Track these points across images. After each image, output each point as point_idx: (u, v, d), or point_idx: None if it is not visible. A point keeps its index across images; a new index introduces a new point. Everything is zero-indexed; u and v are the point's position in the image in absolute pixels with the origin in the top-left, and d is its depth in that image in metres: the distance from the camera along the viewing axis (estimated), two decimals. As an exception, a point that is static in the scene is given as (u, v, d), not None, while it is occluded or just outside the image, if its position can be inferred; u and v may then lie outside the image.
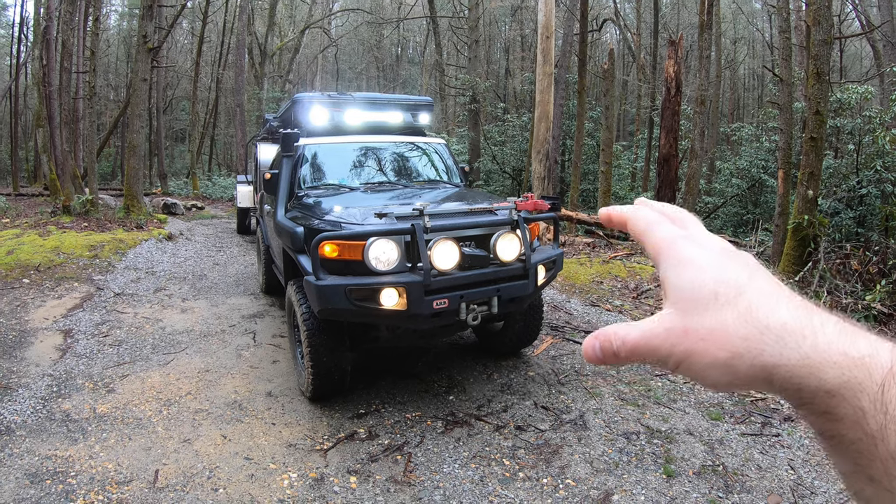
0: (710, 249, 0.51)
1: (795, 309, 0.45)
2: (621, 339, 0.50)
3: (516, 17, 33.11)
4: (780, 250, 7.99)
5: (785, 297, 0.47)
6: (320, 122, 6.11)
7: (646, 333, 0.49)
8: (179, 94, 40.64)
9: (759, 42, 35.48)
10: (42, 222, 11.19)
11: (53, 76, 15.89)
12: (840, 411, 0.41)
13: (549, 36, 11.65)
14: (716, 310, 0.47)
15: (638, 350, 0.50)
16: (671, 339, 0.48)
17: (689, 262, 0.50)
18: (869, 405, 0.40)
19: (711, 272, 0.49)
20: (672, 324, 0.48)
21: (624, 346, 0.50)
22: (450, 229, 4.04)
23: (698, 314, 0.47)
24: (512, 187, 21.75)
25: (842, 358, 0.42)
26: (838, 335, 0.43)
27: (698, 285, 0.48)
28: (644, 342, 0.49)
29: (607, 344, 0.51)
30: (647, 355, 0.49)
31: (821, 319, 0.45)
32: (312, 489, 3.38)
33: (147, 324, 6.41)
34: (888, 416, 0.39)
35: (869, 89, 11.92)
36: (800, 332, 0.44)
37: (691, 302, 0.48)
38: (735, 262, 0.50)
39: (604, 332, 0.52)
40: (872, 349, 0.42)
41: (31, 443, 3.83)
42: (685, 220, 0.57)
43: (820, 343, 0.43)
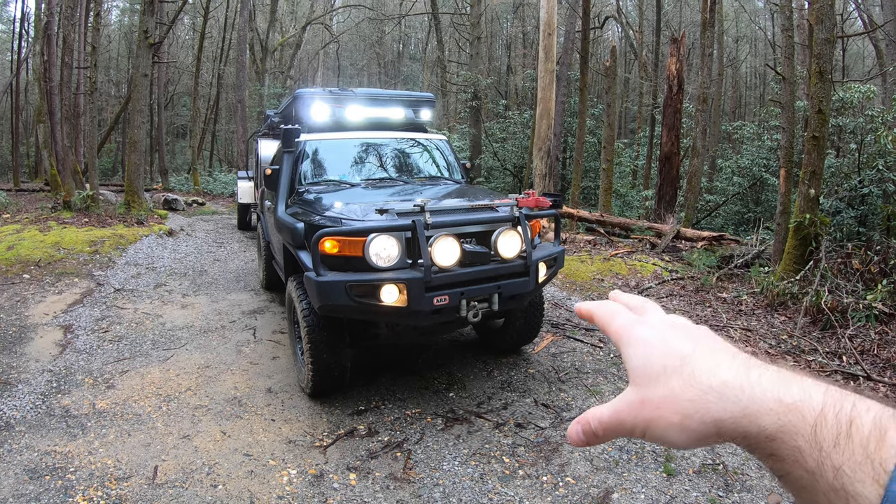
0: (659, 329, 0.58)
1: (736, 367, 0.51)
2: (597, 419, 0.56)
3: (518, 13, 33.06)
4: (781, 249, 7.97)
5: (727, 357, 0.53)
6: (321, 118, 6.10)
7: (614, 410, 0.56)
8: (180, 90, 40.59)
9: (762, 40, 35.43)
10: (42, 218, 11.18)
11: (54, 72, 15.87)
12: (782, 453, 0.46)
13: (552, 33, 11.64)
14: (665, 380, 0.53)
15: (610, 426, 0.56)
16: (632, 411, 0.54)
17: (642, 342, 0.57)
18: (805, 444, 0.45)
19: (659, 348, 0.55)
20: (632, 398, 0.55)
21: (600, 425, 0.56)
22: (451, 226, 4.03)
23: (651, 386, 0.54)
24: (513, 184, 21.71)
25: (776, 405, 0.47)
26: (774, 384, 0.48)
27: (650, 361, 0.55)
28: (613, 418, 0.55)
29: (587, 427, 0.57)
30: (618, 429, 0.55)
31: (758, 373, 0.50)
32: (312, 486, 3.37)
33: (147, 319, 6.40)
34: (822, 452, 0.44)
35: (871, 88, 11.89)
36: (738, 386, 0.49)
37: (645, 377, 0.55)
38: (681, 336, 0.56)
39: (583, 418, 0.58)
40: (805, 394, 0.47)
41: (31, 438, 3.83)
42: (645, 308, 0.63)
43: (756, 394, 0.48)
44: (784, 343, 5.90)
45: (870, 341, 5.63)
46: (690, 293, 7.68)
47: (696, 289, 7.81)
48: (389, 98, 6.68)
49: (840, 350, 5.58)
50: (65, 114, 16.20)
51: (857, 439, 0.43)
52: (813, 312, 6.36)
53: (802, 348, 5.73)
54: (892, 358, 5.28)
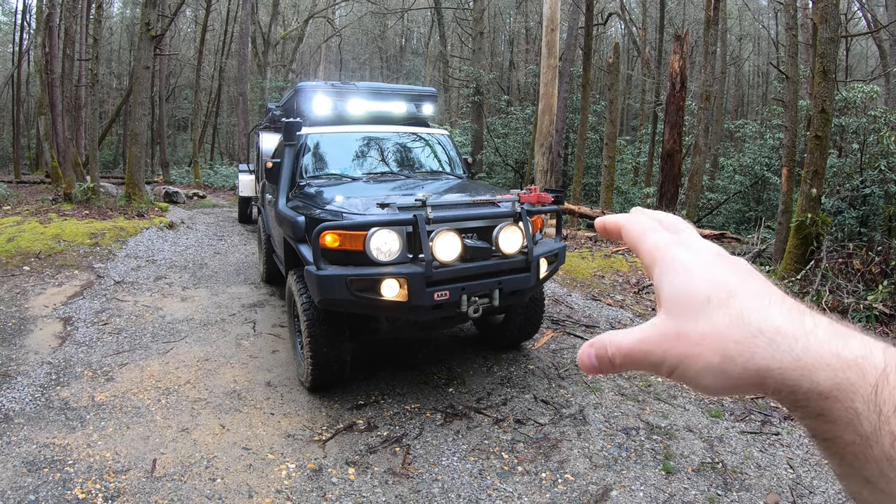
0: (702, 254, 0.52)
1: (788, 312, 0.46)
2: (616, 345, 0.51)
3: (521, 9, 32.99)
4: (782, 248, 7.97)
5: (777, 299, 0.47)
6: (323, 112, 6.08)
7: (640, 339, 0.50)
8: (182, 83, 40.56)
9: (765, 39, 35.34)
10: (43, 210, 11.18)
11: (56, 64, 15.83)
12: (834, 413, 0.42)
13: (555, 29, 11.60)
14: (708, 314, 0.47)
15: (632, 356, 0.50)
16: (664, 344, 0.48)
17: (682, 268, 0.51)
18: (862, 407, 0.40)
19: (703, 277, 0.49)
20: (665, 329, 0.49)
21: (619, 352, 0.50)
22: (452, 221, 4.02)
23: (691, 319, 0.48)
24: (514, 180, 21.70)
25: (834, 360, 0.42)
26: (831, 336, 0.43)
27: (691, 290, 0.49)
28: (638, 348, 0.50)
29: (602, 351, 0.51)
30: (642, 361, 0.50)
31: (813, 321, 0.45)
32: (310, 480, 3.37)
33: (147, 312, 6.40)
34: (882, 417, 0.39)
35: (874, 88, 11.87)
36: (791, 334, 0.44)
37: (684, 307, 0.49)
38: (727, 267, 0.50)
39: (599, 340, 0.52)
40: (866, 350, 0.42)
41: (29, 431, 3.82)
42: (679, 227, 0.57)
43: (812, 345, 0.43)
44: (784, 342, 5.88)
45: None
46: (691, 291, 7.66)
47: (697, 287, 7.78)
48: (391, 92, 6.66)
49: (840, 350, 5.57)
50: (66, 106, 16.18)
51: None
52: (813, 312, 6.35)
53: (803, 347, 5.72)
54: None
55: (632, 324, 6.28)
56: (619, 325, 6.21)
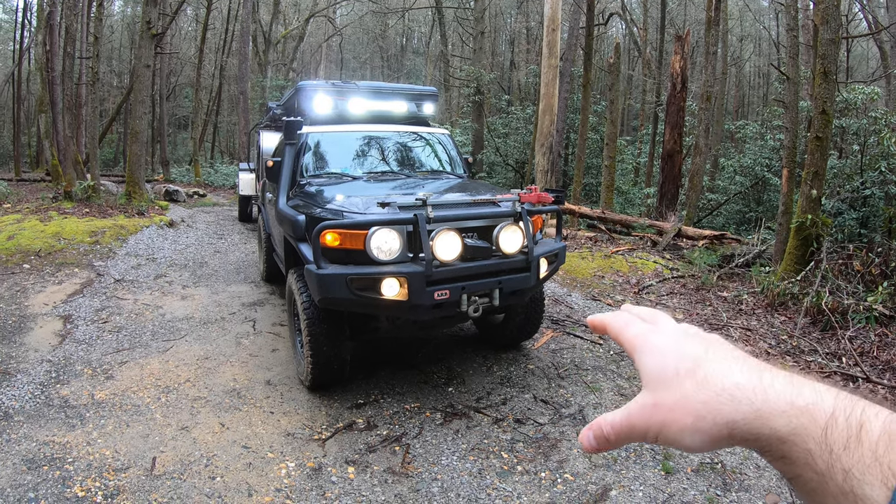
0: (673, 335, 0.59)
1: (748, 371, 0.52)
2: (609, 425, 0.58)
3: (522, 8, 32.97)
4: (782, 249, 7.96)
5: (739, 361, 0.54)
6: (324, 111, 6.08)
7: (626, 416, 0.57)
8: (183, 81, 40.52)
9: (766, 40, 35.33)
10: (43, 208, 11.17)
11: (57, 61, 15.83)
12: (793, 455, 0.47)
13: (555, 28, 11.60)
14: (678, 383, 0.54)
15: (623, 431, 0.57)
16: (645, 415, 0.55)
17: (656, 349, 0.58)
18: (816, 447, 0.46)
19: (673, 353, 0.57)
20: (645, 402, 0.56)
21: (613, 432, 0.57)
22: (453, 220, 4.02)
23: (665, 390, 0.55)
24: (515, 180, 21.69)
25: (789, 407, 0.48)
26: (785, 387, 0.49)
27: (663, 366, 0.56)
28: (626, 423, 0.57)
29: (599, 432, 0.58)
30: (631, 433, 0.56)
31: (770, 376, 0.51)
32: (310, 479, 3.37)
33: (147, 310, 6.40)
34: (833, 455, 0.45)
35: (875, 90, 11.88)
36: (751, 389, 0.50)
37: (659, 381, 0.56)
38: (694, 342, 0.58)
39: (596, 423, 0.59)
40: (816, 397, 0.48)
41: (29, 428, 3.83)
42: (656, 318, 0.64)
43: (770, 396, 0.49)
44: (784, 343, 5.89)
45: (869, 343, 5.63)
46: (691, 291, 7.67)
47: (697, 287, 7.80)
48: (392, 91, 6.66)
49: (840, 351, 5.58)
50: (66, 104, 16.19)
51: (866, 443, 0.44)
52: (813, 313, 6.36)
53: (802, 349, 5.73)
54: (891, 360, 5.28)
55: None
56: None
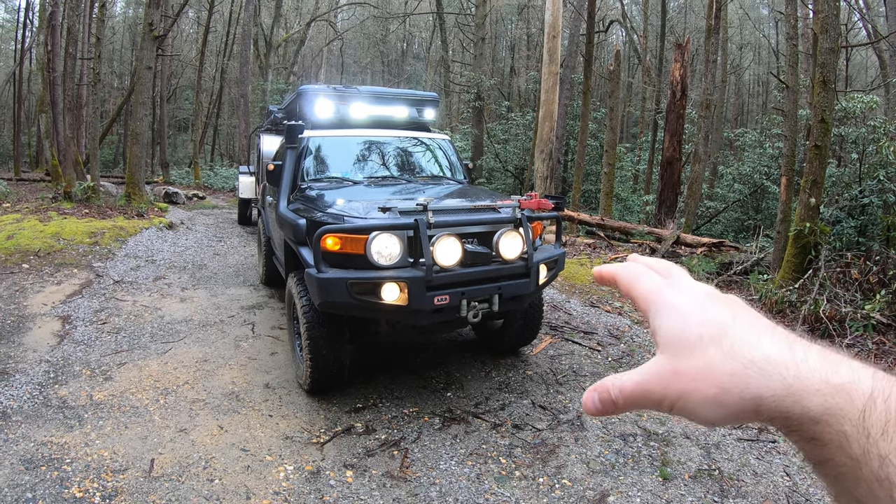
0: (694, 295, 0.55)
1: (778, 342, 0.48)
2: (618, 388, 0.53)
3: (523, 15, 33.05)
4: (780, 257, 7.98)
5: (768, 331, 0.50)
6: (325, 115, 6.10)
7: (640, 380, 0.52)
8: (184, 84, 40.60)
9: (765, 48, 35.42)
10: (43, 208, 11.18)
11: (58, 62, 15.84)
12: (825, 437, 0.44)
13: (556, 35, 11.64)
14: (702, 350, 0.50)
15: (634, 396, 0.53)
16: (663, 382, 0.51)
17: (675, 309, 0.54)
18: (851, 430, 0.42)
19: (696, 316, 0.52)
20: (663, 367, 0.52)
21: (621, 394, 0.53)
22: (453, 225, 4.03)
23: (686, 356, 0.50)
24: (514, 186, 21.74)
25: (824, 385, 0.44)
26: (820, 363, 0.46)
27: (684, 329, 0.52)
28: (639, 388, 0.52)
29: (605, 395, 0.54)
30: (644, 400, 0.52)
31: (803, 350, 0.47)
32: (308, 482, 3.38)
33: (146, 312, 6.40)
34: (870, 439, 0.41)
35: (874, 99, 11.90)
36: (783, 363, 0.46)
37: (679, 346, 0.51)
38: (718, 305, 0.53)
39: (601, 384, 0.55)
40: (854, 375, 0.44)
41: (27, 429, 3.83)
42: (671, 271, 0.60)
43: (802, 372, 0.45)
44: (782, 351, 5.90)
45: (867, 351, 5.64)
46: (689, 299, 7.67)
47: (695, 295, 7.80)
48: (393, 97, 6.68)
49: (837, 359, 5.58)
50: (67, 104, 16.20)
51: None
52: (811, 321, 6.37)
53: (800, 356, 5.73)
54: (889, 368, 5.27)
55: (630, 331, 6.30)
56: (618, 332, 6.22)
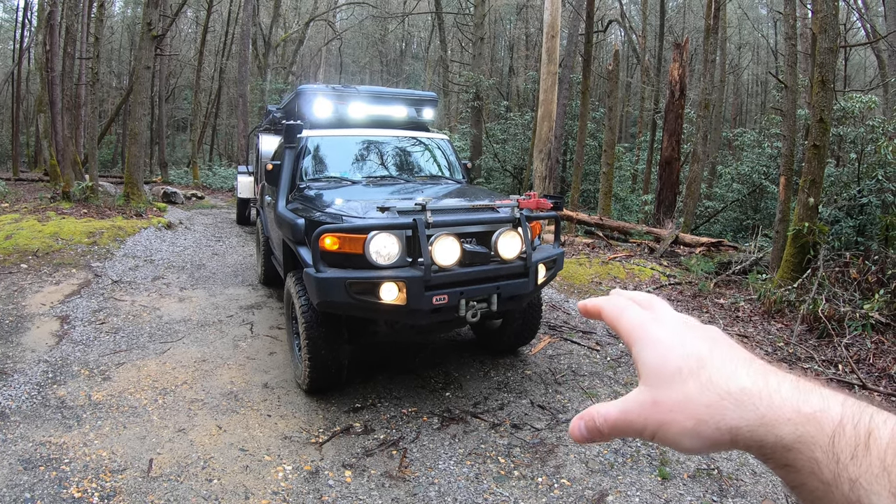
0: (674, 328, 0.57)
1: (754, 373, 0.50)
2: (603, 417, 0.55)
3: (521, 15, 33.05)
4: (779, 256, 7.99)
5: (744, 362, 0.51)
6: (324, 115, 6.10)
7: (623, 409, 0.55)
8: (182, 83, 40.56)
9: (764, 48, 35.44)
10: (41, 208, 11.16)
11: (56, 62, 15.83)
12: (798, 463, 0.46)
13: (555, 35, 11.63)
14: (681, 382, 0.52)
15: (618, 426, 0.54)
16: (644, 412, 0.53)
17: (656, 342, 0.56)
18: (822, 456, 0.44)
19: (675, 349, 0.54)
20: (644, 398, 0.54)
21: (605, 423, 0.55)
22: (452, 225, 4.03)
23: (666, 388, 0.52)
24: (513, 185, 21.74)
25: (795, 415, 0.46)
26: (792, 393, 0.48)
27: (664, 362, 0.54)
28: (622, 417, 0.54)
29: (591, 423, 0.56)
30: (626, 429, 0.54)
31: (777, 380, 0.49)
32: (307, 482, 3.37)
33: (144, 312, 6.40)
34: (840, 464, 0.43)
35: (873, 99, 11.91)
36: (756, 394, 0.48)
37: (659, 377, 0.53)
38: (697, 337, 0.55)
39: (588, 413, 0.57)
40: (824, 404, 0.46)
41: (26, 429, 3.82)
42: (653, 303, 0.62)
43: (775, 402, 0.47)
44: (780, 350, 5.91)
45: (866, 350, 5.65)
46: (688, 298, 7.69)
47: (694, 294, 7.82)
48: (392, 96, 6.68)
49: (836, 358, 5.60)
50: (66, 104, 16.18)
51: (874, 451, 0.43)
52: (810, 320, 6.38)
53: (799, 356, 5.74)
54: (887, 367, 5.30)
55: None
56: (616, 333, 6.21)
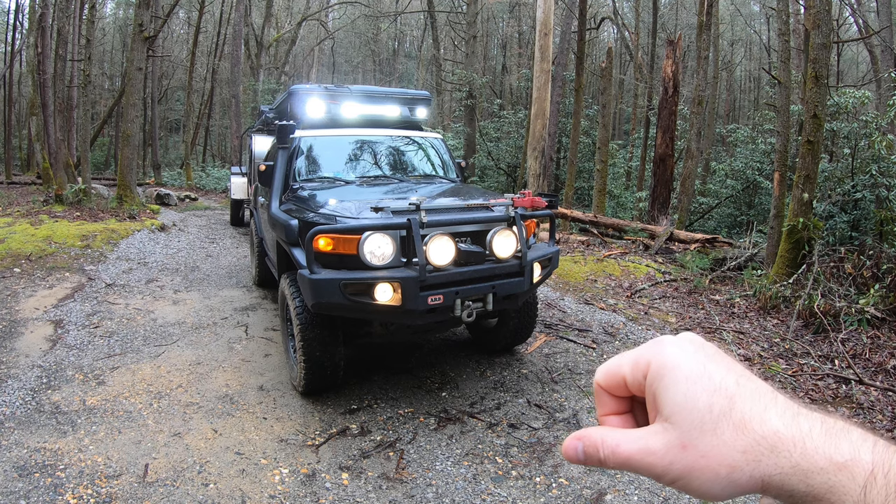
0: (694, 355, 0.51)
1: (783, 413, 0.47)
2: (610, 448, 0.51)
3: (514, 13, 33.07)
4: (774, 252, 7.99)
5: (772, 400, 0.48)
6: (317, 115, 6.08)
7: (643, 449, 0.50)
8: (175, 85, 40.44)
9: (757, 44, 35.56)
10: (34, 211, 11.10)
11: (48, 64, 15.76)
12: None
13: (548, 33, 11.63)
14: (712, 425, 0.48)
15: (630, 463, 0.51)
16: (669, 455, 0.49)
17: (679, 373, 0.50)
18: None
19: (703, 383, 0.49)
20: (670, 440, 0.49)
21: (614, 456, 0.51)
22: (446, 225, 4.01)
23: (696, 430, 0.48)
24: (507, 184, 21.74)
25: (827, 464, 0.44)
26: (823, 439, 0.46)
27: (692, 399, 0.49)
28: (640, 457, 0.50)
29: (593, 450, 0.52)
30: (642, 470, 0.50)
31: (808, 424, 0.47)
32: (304, 485, 3.36)
33: (138, 315, 6.36)
34: None
35: (866, 94, 11.92)
36: (790, 439, 0.46)
37: (687, 417, 0.49)
38: (720, 367, 0.50)
39: (588, 437, 0.53)
40: (854, 452, 0.45)
41: (20, 435, 3.79)
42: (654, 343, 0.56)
43: (808, 450, 0.45)
44: (776, 346, 5.91)
45: (862, 345, 5.66)
46: (683, 295, 7.69)
47: (690, 291, 7.82)
48: (385, 95, 6.66)
49: (832, 354, 5.60)
50: (58, 106, 16.11)
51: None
52: (805, 316, 6.38)
53: (795, 351, 5.75)
54: (883, 362, 5.30)
55: (624, 328, 6.29)
56: (612, 329, 6.22)
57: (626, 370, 0.55)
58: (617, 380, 0.56)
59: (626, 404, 0.58)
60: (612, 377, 0.56)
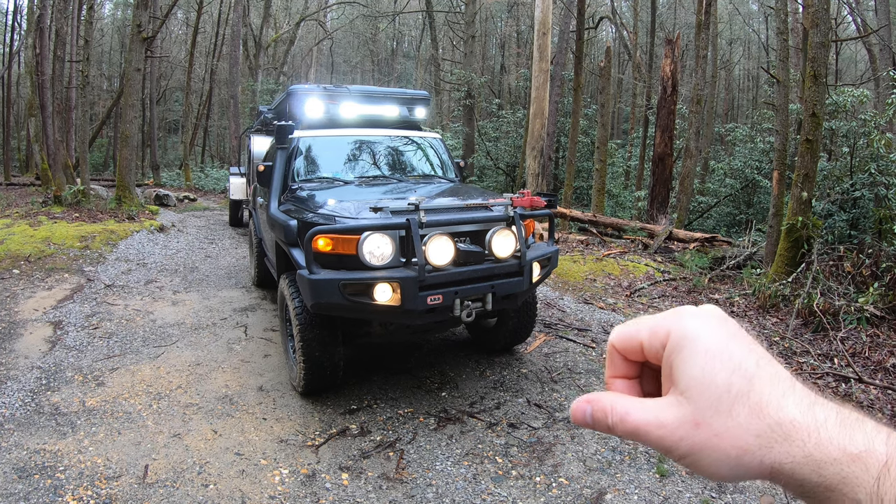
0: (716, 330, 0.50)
1: (800, 401, 0.47)
2: (620, 416, 0.50)
3: (512, 13, 33.06)
4: (773, 251, 8.00)
5: (790, 386, 0.48)
6: (315, 115, 6.07)
7: (655, 421, 0.49)
8: (173, 85, 40.42)
9: (755, 43, 35.56)
10: (33, 212, 11.09)
11: (46, 65, 15.74)
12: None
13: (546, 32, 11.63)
14: (728, 405, 0.47)
15: (639, 434, 0.49)
16: (680, 431, 0.48)
17: (701, 350, 0.49)
18: (865, 498, 0.42)
19: (722, 359, 0.48)
20: (683, 415, 0.48)
21: (622, 424, 0.50)
22: (445, 225, 4.01)
23: (711, 408, 0.47)
24: (505, 183, 21.74)
25: (841, 454, 0.44)
26: (838, 429, 0.45)
27: (710, 375, 0.48)
28: (651, 429, 0.49)
29: (601, 415, 0.51)
30: (652, 442, 0.49)
31: (823, 413, 0.46)
32: (304, 486, 3.35)
33: (138, 316, 6.36)
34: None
35: (864, 93, 11.92)
36: (805, 428, 0.45)
37: (704, 393, 0.48)
38: (741, 346, 0.49)
39: (598, 401, 0.52)
40: (868, 443, 0.44)
41: (20, 436, 3.79)
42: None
43: (823, 440, 0.45)
44: (776, 345, 5.92)
45: (861, 344, 5.66)
46: (683, 294, 7.70)
47: (689, 290, 7.82)
48: (384, 95, 6.65)
49: (831, 352, 5.61)
50: (56, 107, 16.08)
51: None
52: (805, 314, 6.39)
53: (794, 350, 5.75)
54: (883, 360, 5.31)
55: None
56: (612, 328, 6.21)
57: (644, 335, 0.53)
58: (633, 344, 0.55)
59: (637, 369, 0.57)
60: (629, 341, 0.55)
